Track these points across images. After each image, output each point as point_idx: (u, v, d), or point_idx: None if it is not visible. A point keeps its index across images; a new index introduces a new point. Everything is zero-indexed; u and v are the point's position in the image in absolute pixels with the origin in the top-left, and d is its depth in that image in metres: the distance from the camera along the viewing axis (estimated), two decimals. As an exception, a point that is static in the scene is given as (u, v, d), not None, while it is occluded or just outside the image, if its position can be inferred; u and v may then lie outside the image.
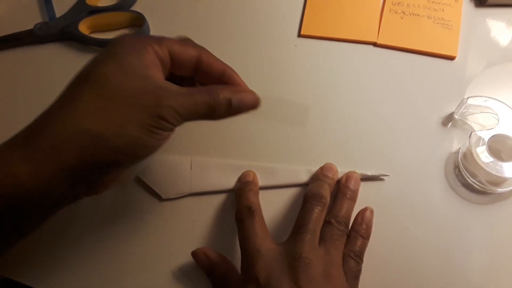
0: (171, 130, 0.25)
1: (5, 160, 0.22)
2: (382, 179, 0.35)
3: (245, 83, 0.30)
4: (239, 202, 0.32)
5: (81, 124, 0.23)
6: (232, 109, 0.27)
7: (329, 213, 0.31)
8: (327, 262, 0.28)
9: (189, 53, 0.27)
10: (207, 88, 0.27)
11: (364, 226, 0.31)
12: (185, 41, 0.28)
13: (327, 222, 0.30)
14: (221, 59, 0.41)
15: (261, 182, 0.35)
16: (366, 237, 0.31)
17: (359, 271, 0.29)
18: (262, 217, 0.31)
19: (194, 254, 0.32)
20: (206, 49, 0.28)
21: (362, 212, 0.32)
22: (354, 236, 0.31)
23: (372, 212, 0.32)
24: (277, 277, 0.26)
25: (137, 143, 0.24)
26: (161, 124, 0.24)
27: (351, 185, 0.33)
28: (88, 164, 0.23)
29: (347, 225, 0.31)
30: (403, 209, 0.33)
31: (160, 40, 0.26)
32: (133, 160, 0.25)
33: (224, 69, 0.28)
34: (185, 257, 0.33)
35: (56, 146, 0.23)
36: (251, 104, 0.28)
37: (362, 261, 0.30)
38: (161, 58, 0.26)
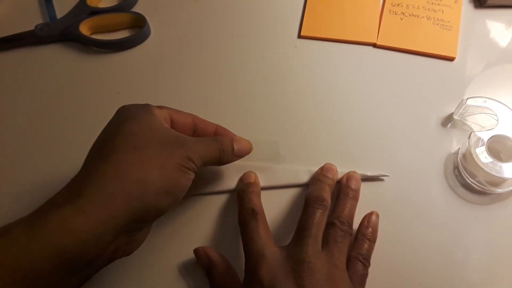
0: (195, 172, 0.28)
1: (58, 216, 0.23)
2: (382, 180, 0.35)
3: (234, 134, 0.34)
4: (242, 204, 0.32)
5: (126, 173, 0.25)
6: (234, 155, 0.31)
7: (332, 214, 0.31)
8: (330, 265, 0.28)
9: (185, 116, 0.31)
10: (213, 137, 0.31)
11: (370, 229, 0.31)
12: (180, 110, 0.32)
13: (330, 224, 0.30)
14: (221, 60, 0.42)
15: (261, 182, 0.35)
16: (373, 241, 0.31)
17: (365, 275, 0.29)
18: (265, 220, 0.31)
19: (195, 251, 0.32)
20: (196, 115, 0.32)
21: (368, 216, 0.32)
22: (361, 239, 0.31)
23: (378, 216, 0.32)
24: (282, 282, 0.26)
25: (175, 183, 0.26)
26: (190, 165, 0.27)
27: (353, 184, 0.33)
28: (135, 210, 0.24)
29: (350, 225, 0.31)
30: (402, 209, 0.33)
31: (159, 106, 0.30)
32: (172, 202, 0.27)
33: (216, 127, 0.33)
34: (185, 257, 0.33)
35: (105, 196, 0.24)
36: (247, 150, 0.32)
37: (369, 264, 0.30)
38: (165, 118, 0.30)
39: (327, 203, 0.30)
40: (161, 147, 0.26)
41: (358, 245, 0.30)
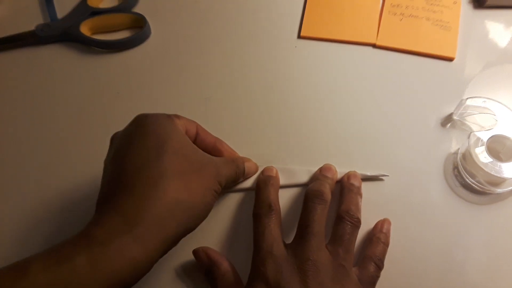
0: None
1: (120, 247, 0.23)
2: (381, 179, 0.35)
3: (232, 150, 0.34)
4: (260, 196, 0.32)
5: (176, 198, 0.25)
6: (244, 176, 0.34)
7: (339, 208, 0.31)
8: (335, 264, 0.28)
9: (191, 124, 0.32)
10: (231, 159, 0.33)
11: (383, 234, 0.31)
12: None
13: (338, 219, 0.30)
14: (221, 60, 0.42)
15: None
16: (386, 245, 0.31)
17: (377, 277, 0.29)
18: (280, 217, 0.31)
19: (195, 252, 0.32)
20: (198, 123, 0.33)
21: (382, 221, 0.32)
22: (376, 241, 0.31)
23: (390, 223, 0.32)
24: (287, 280, 0.27)
25: (210, 207, 0.28)
26: (219, 189, 0.29)
27: (355, 182, 0.33)
28: (180, 232, 0.26)
29: (359, 219, 0.30)
30: (402, 209, 0.34)
31: (176, 115, 0.30)
32: (200, 223, 0.28)
33: (215, 140, 0.33)
34: (183, 259, 0.33)
35: (159, 221, 0.24)
36: (254, 172, 0.35)
37: (383, 266, 0.30)
38: (182, 129, 0.30)
39: (327, 197, 0.30)
40: (200, 172, 0.27)
41: (373, 246, 0.31)
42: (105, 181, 0.27)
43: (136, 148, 0.27)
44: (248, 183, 0.35)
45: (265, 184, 0.33)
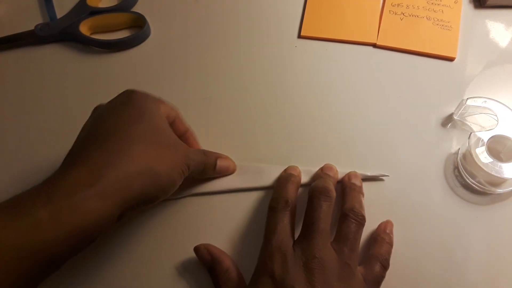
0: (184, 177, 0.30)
1: (83, 200, 0.23)
2: (382, 180, 0.35)
3: (199, 144, 0.35)
4: (279, 191, 0.32)
5: (146, 162, 0.26)
6: (215, 172, 0.34)
7: (343, 206, 0.31)
8: (341, 262, 0.28)
9: (173, 112, 0.33)
10: (202, 150, 0.34)
11: (387, 234, 0.32)
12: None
13: (343, 216, 0.30)
14: (221, 60, 0.42)
15: (261, 182, 0.35)
16: (391, 245, 0.31)
17: (382, 277, 0.29)
18: (294, 215, 0.31)
19: (196, 249, 0.32)
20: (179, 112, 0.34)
21: (385, 223, 0.32)
22: (381, 240, 0.31)
23: (392, 225, 0.33)
24: (292, 276, 0.27)
25: (173, 183, 0.29)
26: (186, 171, 0.29)
27: (356, 181, 0.33)
28: (142, 197, 0.26)
29: (363, 216, 0.30)
30: (402, 209, 0.34)
31: (162, 100, 0.31)
32: (163, 197, 0.29)
33: (186, 129, 0.34)
34: (188, 254, 0.33)
35: (125, 179, 0.25)
36: (229, 170, 0.35)
37: (388, 266, 0.30)
38: (165, 112, 0.31)
39: (332, 194, 0.30)
40: (171, 149, 0.29)
41: (378, 245, 0.31)
42: (79, 139, 0.28)
43: (118, 114, 0.28)
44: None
45: (286, 181, 0.33)
